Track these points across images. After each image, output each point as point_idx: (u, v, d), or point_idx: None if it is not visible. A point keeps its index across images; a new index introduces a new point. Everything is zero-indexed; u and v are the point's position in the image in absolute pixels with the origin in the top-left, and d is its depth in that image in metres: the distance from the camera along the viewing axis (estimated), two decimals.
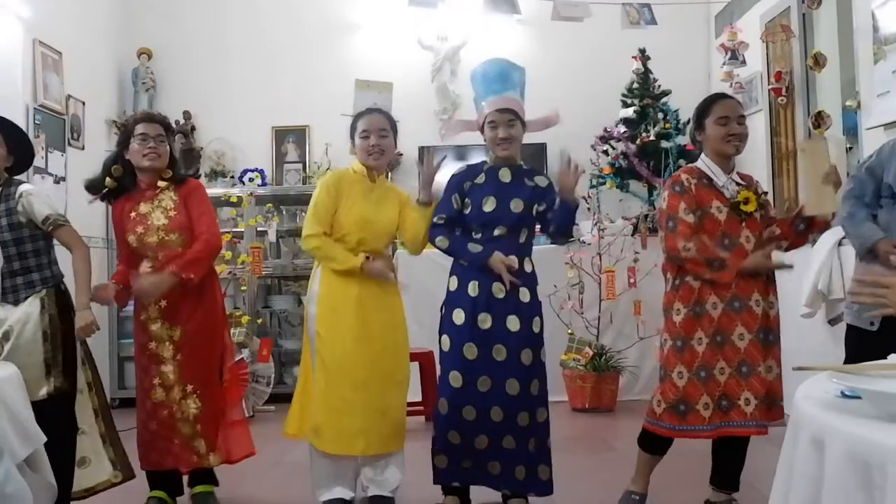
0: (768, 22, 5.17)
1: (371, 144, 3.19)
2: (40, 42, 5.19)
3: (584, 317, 5.43)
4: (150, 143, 3.18)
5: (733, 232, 2.86)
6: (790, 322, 4.77)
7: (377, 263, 3.13)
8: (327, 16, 6.50)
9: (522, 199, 3.05)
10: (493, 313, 2.99)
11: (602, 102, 6.15)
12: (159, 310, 3.18)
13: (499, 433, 2.99)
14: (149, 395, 3.19)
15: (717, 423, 2.80)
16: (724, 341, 2.81)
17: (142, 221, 3.19)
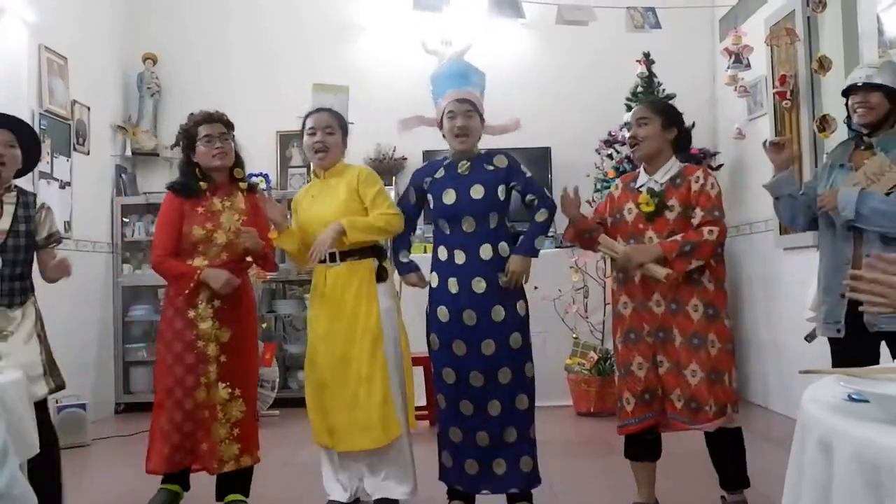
0: (773, 25, 5.16)
1: (315, 141, 3.25)
2: (46, 47, 5.21)
3: (588, 321, 5.43)
4: (216, 142, 3.23)
5: (637, 233, 2.95)
6: (795, 326, 4.78)
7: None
8: (331, 20, 6.52)
9: (482, 183, 3.04)
10: (476, 309, 2.99)
11: (606, 106, 6.15)
12: (212, 309, 3.19)
13: (501, 426, 2.99)
14: (191, 394, 3.15)
15: (639, 416, 2.91)
16: (638, 338, 2.93)
17: (212, 218, 3.22)
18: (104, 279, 5.96)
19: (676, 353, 2.88)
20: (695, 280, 2.89)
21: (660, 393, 2.90)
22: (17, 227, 3.02)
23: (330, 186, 3.29)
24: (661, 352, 2.91)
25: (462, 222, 3.04)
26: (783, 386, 5.12)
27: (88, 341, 5.69)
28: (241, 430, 3.20)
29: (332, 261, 3.20)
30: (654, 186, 2.96)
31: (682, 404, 2.86)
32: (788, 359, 5.02)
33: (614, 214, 3.03)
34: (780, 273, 5.22)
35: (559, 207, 3.09)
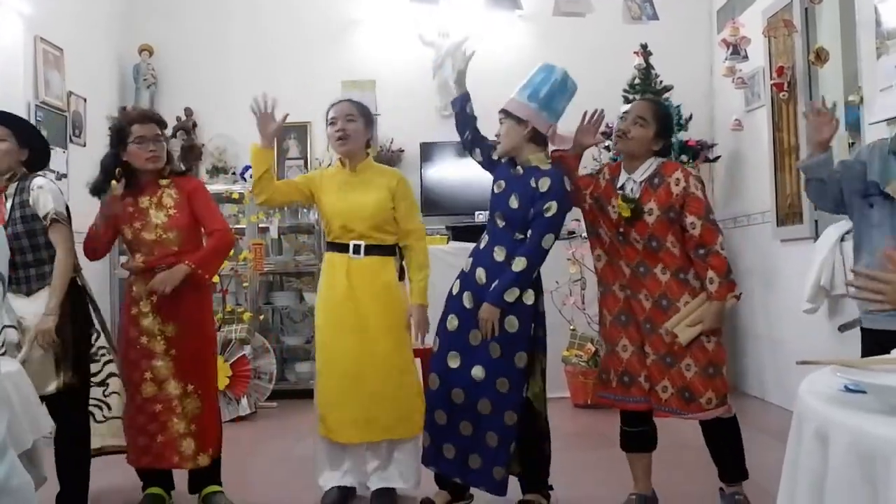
0: (770, 17, 5.15)
1: (336, 129, 3.25)
2: (42, 39, 5.19)
3: (585, 313, 5.41)
4: (149, 145, 3.14)
5: (624, 231, 2.98)
6: (792, 318, 4.80)
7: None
8: (328, 12, 6.49)
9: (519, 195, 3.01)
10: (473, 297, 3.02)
11: (604, 98, 6.02)
12: (151, 304, 3.13)
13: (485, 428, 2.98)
14: (139, 389, 3.13)
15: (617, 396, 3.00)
16: (629, 321, 2.97)
17: (140, 217, 3.15)
18: (101, 271, 5.94)
19: (666, 346, 2.90)
20: (682, 278, 2.92)
21: (642, 380, 2.93)
22: (14, 215, 3.01)
23: (362, 182, 3.28)
24: (647, 342, 2.95)
25: (496, 216, 3.07)
26: (780, 378, 5.14)
27: None
28: (197, 426, 3.13)
29: (356, 253, 3.22)
30: (631, 187, 2.96)
31: (670, 394, 2.89)
32: (785, 350, 5.03)
33: (598, 201, 3.03)
34: (778, 265, 5.23)
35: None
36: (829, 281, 4.19)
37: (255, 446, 4.48)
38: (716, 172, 6.21)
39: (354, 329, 3.19)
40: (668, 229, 2.90)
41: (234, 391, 5.22)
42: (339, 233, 3.26)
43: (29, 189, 3.04)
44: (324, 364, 3.25)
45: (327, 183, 3.32)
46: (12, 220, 3.00)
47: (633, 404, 2.96)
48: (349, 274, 3.21)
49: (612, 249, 3.03)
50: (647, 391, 2.94)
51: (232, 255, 5.82)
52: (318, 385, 3.28)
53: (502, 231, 3.04)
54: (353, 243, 3.22)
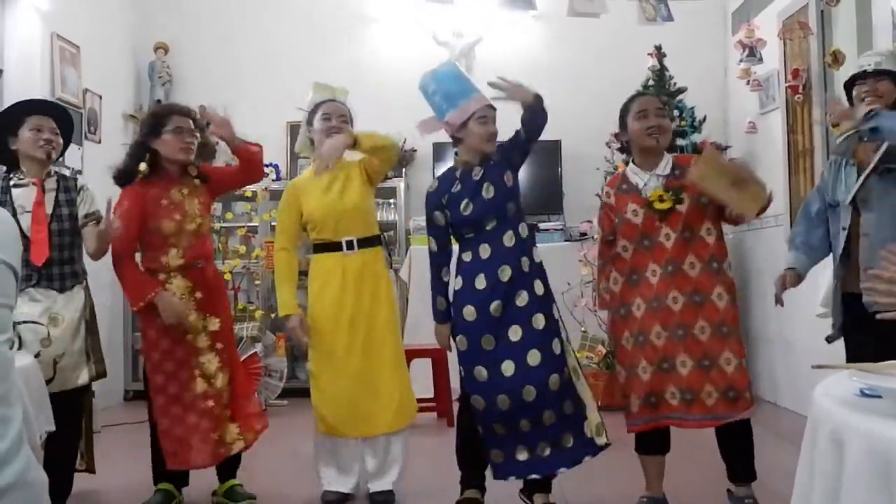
0: (786, 19, 5.13)
1: (331, 126, 3.27)
2: (58, 36, 5.23)
3: (597, 315, 5.40)
4: (185, 136, 3.19)
5: (651, 232, 2.93)
6: (805, 323, 4.76)
7: (294, 325, 3.24)
8: (342, 10, 6.51)
9: (491, 181, 2.99)
10: (503, 297, 2.93)
11: (617, 99, 6.02)
12: (195, 301, 3.17)
13: (538, 411, 2.91)
14: (187, 388, 3.12)
15: (644, 417, 2.92)
16: (646, 341, 2.91)
17: (178, 209, 3.17)
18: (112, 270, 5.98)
19: (703, 346, 2.85)
20: (715, 268, 2.90)
21: (668, 396, 2.87)
22: (60, 211, 3.12)
23: (339, 177, 3.31)
24: (682, 350, 2.86)
25: (484, 224, 3.00)
26: (792, 382, 5.11)
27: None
28: (232, 409, 3.23)
29: (350, 248, 3.25)
30: (654, 184, 2.94)
31: (715, 400, 2.82)
32: (798, 355, 5.00)
33: (618, 220, 3.00)
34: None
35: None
36: None
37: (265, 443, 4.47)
38: None
39: (353, 324, 3.22)
40: (703, 215, 2.91)
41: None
42: (331, 232, 3.27)
43: (75, 188, 3.17)
44: (322, 362, 3.28)
45: (309, 188, 3.31)
46: (58, 217, 3.10)
47: (666, 421, 2.91)
48: (344, 270, 3.24)
49: (635, 261, 2.95)
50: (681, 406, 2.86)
51: (244, 252, 5.86)
52: (315, 384, 3.29)
53: (497, 228, 2.98)
54: (345, 240, 3.26)
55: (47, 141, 3.11)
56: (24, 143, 3.10)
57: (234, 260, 5.88)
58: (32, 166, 3.14)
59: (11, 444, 1.29)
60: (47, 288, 3.06)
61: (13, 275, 1.35)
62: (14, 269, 1.35)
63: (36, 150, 3.10)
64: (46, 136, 3.12)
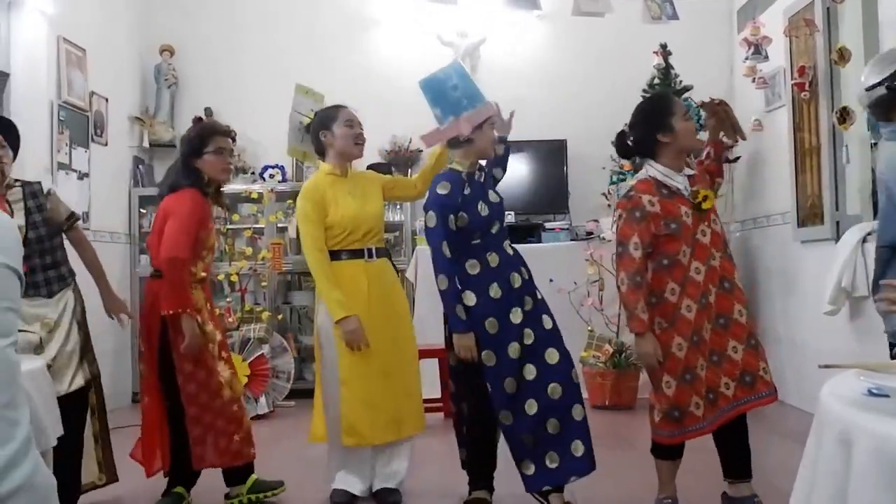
0: (791, 16, 5.11)
1: (357, 133, 3.31)
2: (64, 39, 5.24)
3: (603, 314, 5.41)
4: (227, 157, 3.24)
5: (697, 230, 2.92)
6: (813, 320, 4.76)
7: (353, 327, 3.11)
8: (346, 11, 6.50)
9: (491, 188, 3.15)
10: (520, 303, 3.00)
11: (622, 98, 6.07)
12: (209, 312, 3.27)
13: (565, 407, 2.93)
14: (219, 394, 3.18)
15: (710, 417, 2.86)
16: (700, 339, 2.86)
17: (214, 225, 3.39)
18: (121, 270, 6.00)
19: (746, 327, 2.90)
20: (728, 254, 2.98)
21: (724, 388, 2.86)
22: (33, 218, 3.08)
23: (359, 186, 3.35)
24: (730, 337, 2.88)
25: (492, 227, 3.05)
26: (800, 380, 5.09)
27: (105, 331, 5.68)
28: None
29: (370, 256, 3.29)
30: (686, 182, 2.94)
31: (769, 374, 2.88)
32: (805, 353, 4.99)
33: (668, 226, 2.84)
34: (797, 266, 5.18)
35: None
36: (850, 282, 4.15)
37: (272, 445, 4.50)
38: (736, 173, 6.17)
39: (382, 328, 3.22)
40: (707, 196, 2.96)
41: (253, 390, 5.25)
42: (357, 238, 3.25)
43: (42, 193, 3.13)
44: (354, 368, 3.18)
45: (331, 194, 3.26)
46: (33, 224, 3.06)
47: (725, 415, 2.87)
48: (369, 277, 3.25)
49: (690, 263, 2.87)
50: (741, 391, 2.87)
51: (251, 254, 5.88)
52: (348, 393, 3.19)
53: (499, 234, 3.08)
54: (367, 248, 3.28)
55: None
56: None
57: (241, 262, 5.90)
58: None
59: (20, 447, 1.29)
60: (34, 296, 3.03)
61: (17, 278, 1.36)
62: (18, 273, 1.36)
63: None
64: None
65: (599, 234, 5.75)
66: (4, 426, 1.28)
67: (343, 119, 3.31)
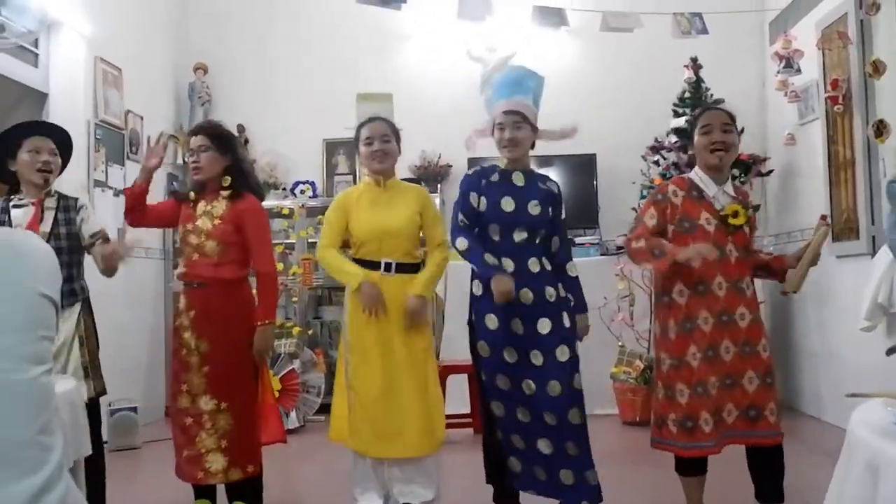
0: (824, 28, 5.06)
1: (374, 150, 3.31)
2: (101, 59, 5.36)
3: (634, 329, 5.37)
4: (193, 156, 3.24)
5: (720, 243, 2.89)
6: (849, 336, 4.68)
7: (371, 291, 3.21)
8: (377, 27, 6.56)
9: (539, 200, 3.05)
10: (523, 318, 2.96)
11: (653, 112, 6.09)
12: (189, 319, 3.19)
13: (561, 438, 2.93)
14: (176, 400, 3.21)
15: (716, 437, 2.82)
16: (716, 356, 2.84)
17: (192, 219, 3.24)
18: (156, 285, 6.10)
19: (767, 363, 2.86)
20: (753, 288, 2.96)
21: (726, 415, 2.84)
22: (58, 230, 3.14)
23: (391, 198, 3.34)
24: (749, 367, 2.85)
25: (514, 232, 3.02)
26: (836, 397, 5.00)
27: (140, 345, 5.82)
28: (228, 443, 3.13)
29: (387, 270, 3.28)
30: (725, 198, 2.94)
31: (775, 417, 2.83)
32: (842, 369, 4.91)
33: (681, 223, 2.92)
34: (833, 281, 5.10)
35: None
36: (886, 298, 4.07)
37: (303, 460, 4.53)
38: (769, 186, 6.11)
39: (382, 345, 3.24)
40: (752, 239, 2.96)
41: (284, 405, 5.28)
42: (372, 250, 3.29)
43: (75, 207, 3.19)
44: (361, 378, 3.27)
45: (358, 203, 3.35)
46: (56, 235, 3.12)
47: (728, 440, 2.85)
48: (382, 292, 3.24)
49: (703, 271, 2.86)
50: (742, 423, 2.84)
51: (282, 269, 5.92)
52: (353, 402, 3.30)
53: (525, 245, 3.01)
54: (384, 261, 3.28)
55: (45, 163, 3.14)
56: (22, 165, 3.14)
57: None
58: (31, 188, 3.17)
59: (53, 471, 1.32)
60: None
61: (55, 307, 1.39)
62: (55, 302, 1.39)
63: (32, 174, 3.13)
64: (44, 158, 3.14)
65: None
66: (39, 451, 1.31)
67: (363, 137, 3.36)
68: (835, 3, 4.95)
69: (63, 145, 3.25)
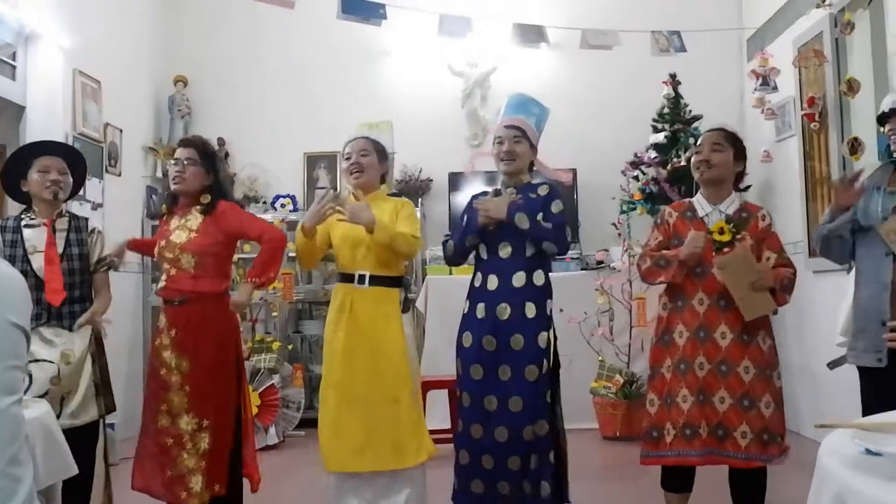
0: (801, 46, 5.13)
1: (351, 163, 3.33)
2: (80, 72, 5.32)
3: (614, 344, 5.39)
4: (178, 166, 3.26)
5: (706, 261, 2.92)
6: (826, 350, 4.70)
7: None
8: (359, 43, 6.57)
9: (526, 213, 3.04)
10: (497, 335, 2.99)
11: (632, 127, 6.13)
12: (171, 338, 3.19)
13: (504, 453, 2.96)
14: (154, 419, 3.19)
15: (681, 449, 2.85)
16: (688, 370, 2.87)
17: (165, 235, 3.27)
18: (134, 299, 6.05)
19: (745, 385, 2.84)
20: None
21: (702, 430, 2.84)
22: (70, 251, 3.19)
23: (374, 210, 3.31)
24: (722, 386, 2.84)
25: (500, 248, 3.05)
26: (814, 411, 5.05)
27: (118, 361, 5.74)
28: (207, 462, 3.12)
29: (361, 283, 3.25)
30: (719, 216, 2.97)
31: (749, 440, 2.80)
32: (820, 383, 4.95)
33: (671, 243, 3.01)
34: (811, 296, 5.15)
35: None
36: None
37: (283, 476, 4.50)
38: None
39: (351, 355, 3.20)
40: (758, 258, 2.93)
41: (263, 420, 5.25)
42: (347, 262, 3.29)
43: (86, 229, 3.26)
44: (329, 389, 3.26)
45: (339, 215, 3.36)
46: (69, 256, 3.18)
47: (696, 458, 2.84)
48: (353, 304, 3.23)
49: (686, 288, 2.93)
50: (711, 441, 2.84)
51: None
52: (322, 410, 3.29)
53: (511, 259, 3.05)
54: (358, 273, 3.25)
55: (54, 182, 3.16)
56: (33, 184, 3.17)
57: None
58: (42, 207, 3.20)
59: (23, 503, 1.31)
60: (58, 326, 3.12)
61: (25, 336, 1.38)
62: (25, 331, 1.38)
63: (42, 192, 3.16)
64: (53, 177, 3.16)
65: (609, 264, 5.75)
66: (8, 483, 1.30)
67: (344, 154, 3.39)
68: (810, 21, 5.02)
69: (76, 166, 3.29)
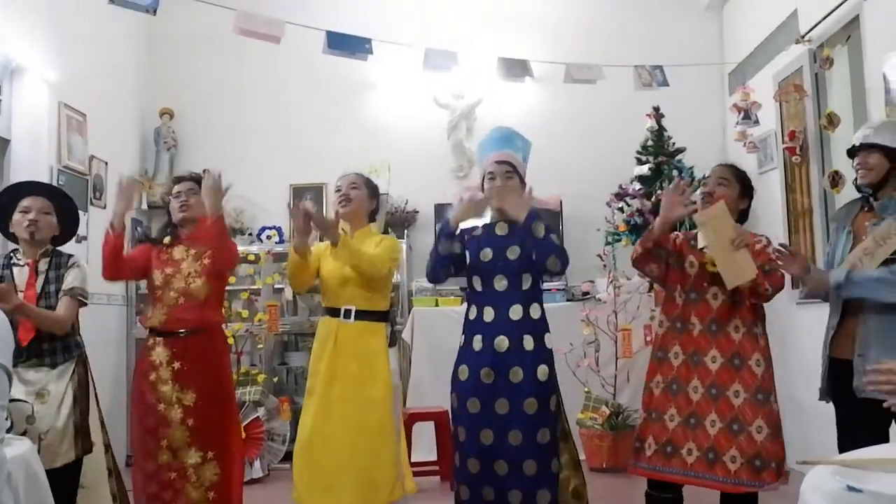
0: (781, 81, 5.21)
1: (340, 195, 3.36)
2: (65, 105, 5.33)
3: (600, 375, 5.39)
4: (181, 197, 3.36)
5: (698, 287, 3.05)
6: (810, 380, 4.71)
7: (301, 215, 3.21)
8: (345, 75, 6.60)
9: (518, 244, 3.02)
10: (495, 367, 2.94)
11: (617, 160, 6.19)
12: (172, 371, 3.20)
13: (504, 486, 2.92)
14: (153, 456, 3.18)
15: (661, 466, 2.95)
16: (679, 391, 2.98)
17: (170, 264, 3.31)
18: (118, 332, 6.00)
19: (735, 409, 2.87)
20: (754, 334, 2.98)
21: (684, 452, 2.88)
22: (48, 289, 3.15)
23: (358, 242, 3.34)
24: (712, 410, 2.89)
25: (495, 281, 3.03)
26: (799, 441, 5.04)
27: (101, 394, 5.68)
28: (216, 494, 3.16)
29: (346, 317, 3.24)
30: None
31: (739, 465, 2.82)
32: (803, 413, 4.95)
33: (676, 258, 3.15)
34: (794, 327, 5.18)
35: (664, 208, 3.09)
36: None
37: None
38: None
39: (324, 393, 3.20)
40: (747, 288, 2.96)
41: (248, 454, 5.20)
42: (333, 296, 3.30)
43: (66, 265, 3.19)
44: (305, 424, 3.25)
45: (327, 250, 3.37)
46: (47, 294, 3.13)
47: (672, 475, 2.93)
48: (337, 338, 3.23)
49: (683, 310, 3.06)
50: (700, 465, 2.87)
51: (247, 316, 5.87)
52: (296, 446, 3.29)
53: (507, 292, 3.01)
54: (344, 308, 3.26)
55: (32, 222, 3.15)
56: (14, 225, 3.20)
57: (237, 323, 5.89)
58: (26, 247, 3.21)
59: None
60: (38, 365, 3.07)
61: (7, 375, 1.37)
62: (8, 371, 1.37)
63: (21, 231, 3.17)
64: (31, 217, 3.16)
65: (595, 295, 5.76)
66: None
67: (336, 186, 3.43)
68: (790, 56, 5.11)
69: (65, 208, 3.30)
